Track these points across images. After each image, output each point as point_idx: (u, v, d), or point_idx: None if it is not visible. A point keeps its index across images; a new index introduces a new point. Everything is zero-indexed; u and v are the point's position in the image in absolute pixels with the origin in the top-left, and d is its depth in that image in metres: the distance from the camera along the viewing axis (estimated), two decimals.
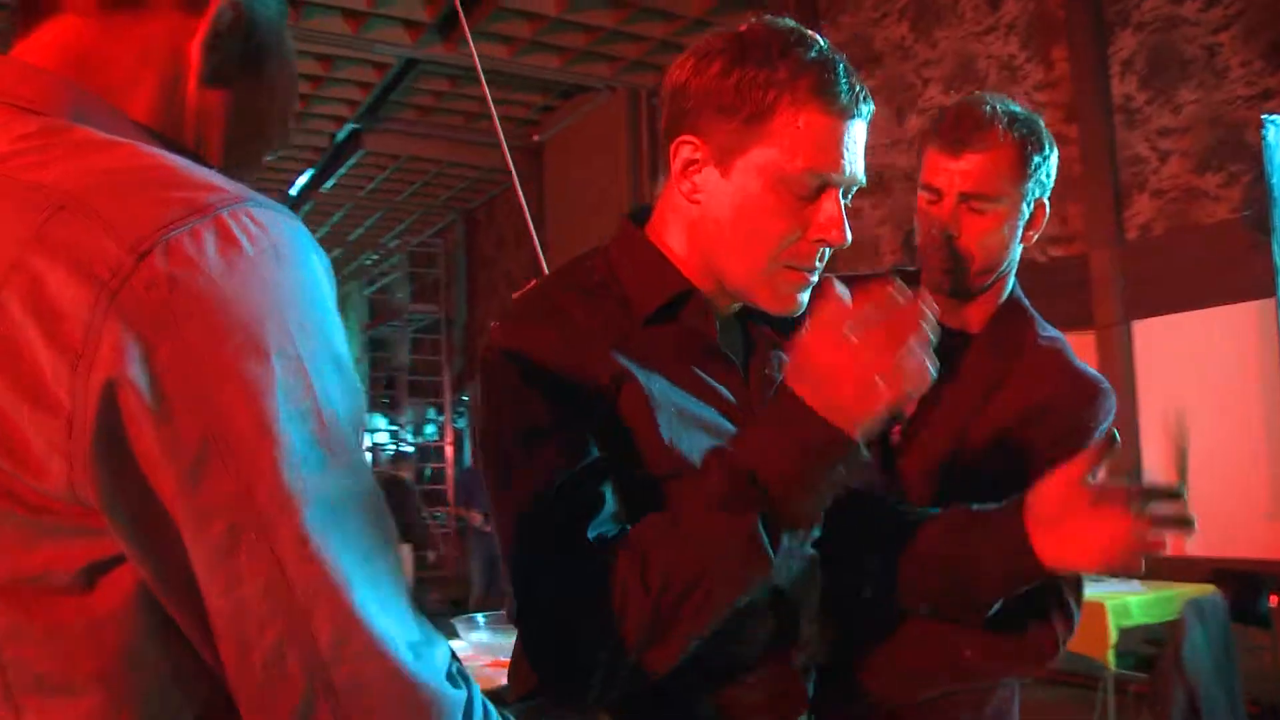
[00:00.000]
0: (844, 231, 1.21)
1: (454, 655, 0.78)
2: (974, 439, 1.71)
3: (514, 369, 1.18)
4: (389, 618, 0.73)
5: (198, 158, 0.91)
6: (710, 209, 1.23)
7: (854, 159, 1.21)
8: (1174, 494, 1.27)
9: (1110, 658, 4.05)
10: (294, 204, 11.15)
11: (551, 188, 9.76)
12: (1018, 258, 1.80)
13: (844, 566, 1.41)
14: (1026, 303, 1.83)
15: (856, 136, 1.21)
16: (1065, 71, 5.38)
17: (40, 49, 0.88)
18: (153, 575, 0.72)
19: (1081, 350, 1.83)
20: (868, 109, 1.22)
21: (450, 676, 0.76)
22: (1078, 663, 4.10)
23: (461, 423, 12.54)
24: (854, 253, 6.53)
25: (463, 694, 0.77)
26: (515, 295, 1.37)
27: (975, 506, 1.46)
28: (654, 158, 8.35)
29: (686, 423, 1.20)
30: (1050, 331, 1.81)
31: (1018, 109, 1.73)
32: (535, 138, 9.82)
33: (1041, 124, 1.74)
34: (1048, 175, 1.74)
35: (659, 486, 1.17)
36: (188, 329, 0.69)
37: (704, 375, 1.26)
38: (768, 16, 1.24)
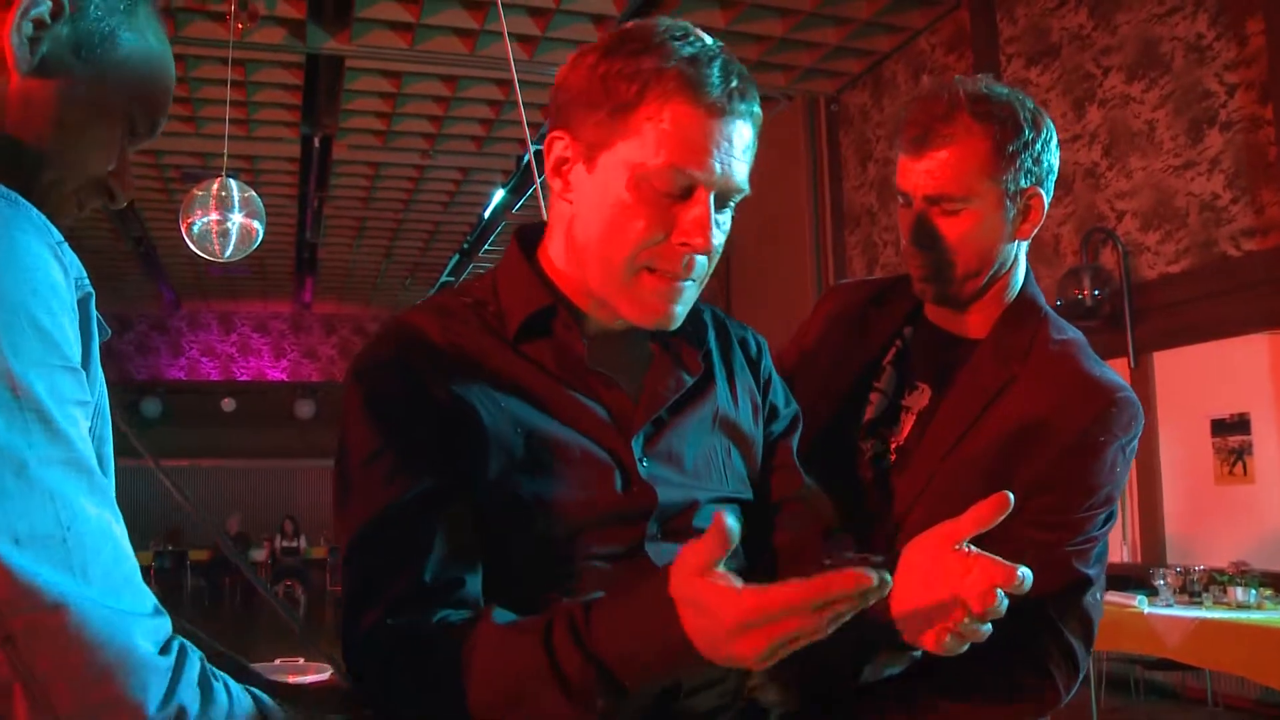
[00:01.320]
0: (708, 237, 1.12)
1: (178, 635, 0.84)
2: (968, 452, 1.55)
3: (361, 392, 1.16)
4: (78, 579, 0.77)
5: (18, 144, 0.96)
6: (580, 208, 1.18)
7: (728, 160, 1.12)
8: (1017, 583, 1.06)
9: None
10: (486, 226, 11.53)
11: None
12: (1019, 255, 1.64)
13: None
14: (1041, 302, 1.65)
15: (733, 137, 1.13)
16: (1261, 46, 4.98)
17: None
18: None
19: None
20: (747, 109, 1.14)
21: (166, 648, 0.80)
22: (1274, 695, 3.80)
23: None
24: (1034, 253, 6.25)
25: (168, 661, 0.80)
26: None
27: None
28: (834, 164, 8.24)
29: (538, 449, 1.14)
30: (1066, 333, 1.62)
31: (993, 90, 1.56)
32: None
33: (1025, 104, 1.56)
34: (1036, 161, 1.56)
35: (496, 517, 1.13)
36: None
37: (576, 394, 1.19)
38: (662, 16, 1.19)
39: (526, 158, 9.66)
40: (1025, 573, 1.06)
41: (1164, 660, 4.63)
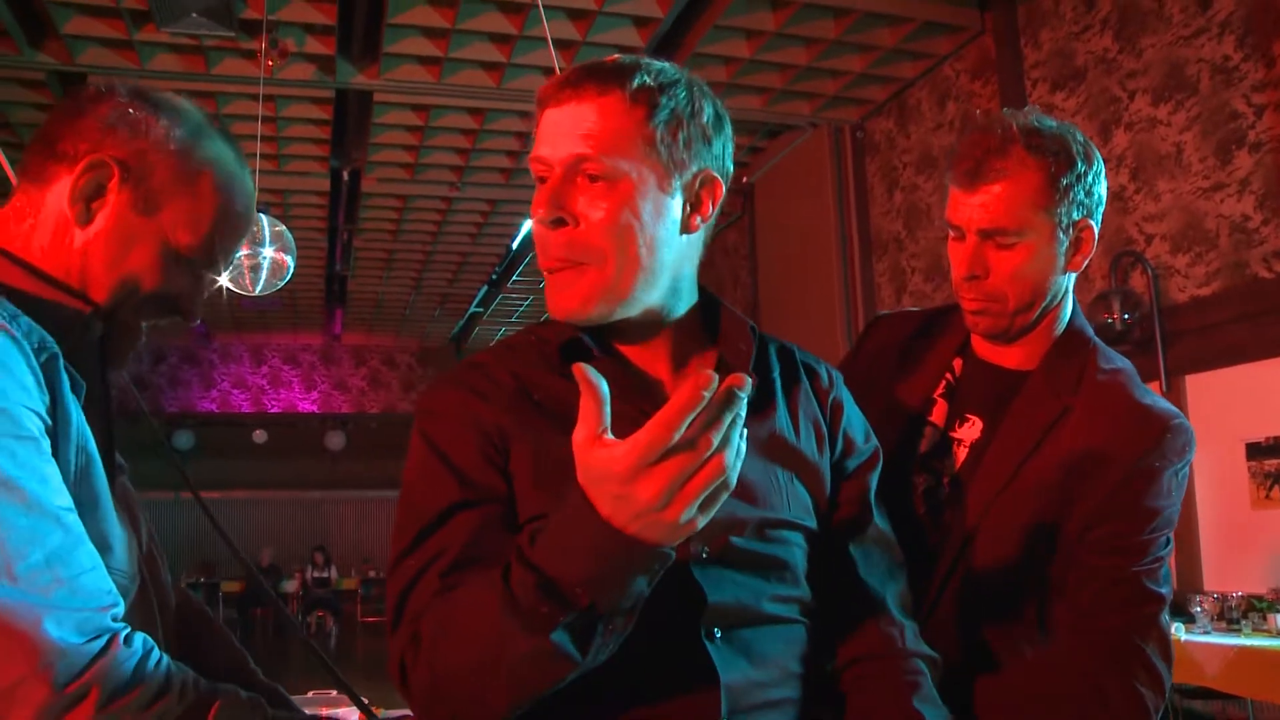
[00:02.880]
0: (538, 203, 1.21)
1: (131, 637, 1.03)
2: (1023, 486, 1.56)
3: (421, 418, 1.25)
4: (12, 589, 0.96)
5: (83, 281, 1.23)
6: None
7: (549, 138, 1.21)
8: None
9: None
10: (514, 257, 11.58)
11: (763, 228, 9.76)
12: (1069, 287, 1.65)
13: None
14: (1090, 333, 1.67)
15: (555, 118, 1.21)
16: None
17: (15, 205, 1.27)
18: None
19: None
20: (572, 93, 1.20)
21: (95, 638, 0.99)
22: None
23: None
24: None
25: (90, 648, 0.98)
26: None
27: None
28: (860, 192, 8.23)
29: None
30: (1115, 363, 1.64)
31: (1043, 123, 1.57)
32: (745, 179, 9.85)
33: (1076, 136, 1.58)
34: (1088, 194, 1.57)
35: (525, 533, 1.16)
36: None
37: (623, 417, 1.21)
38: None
39: None
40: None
41: (1203, 689, 4.56)
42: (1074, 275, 1.65)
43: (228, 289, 5.69)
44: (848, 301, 8.23)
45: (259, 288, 5.54)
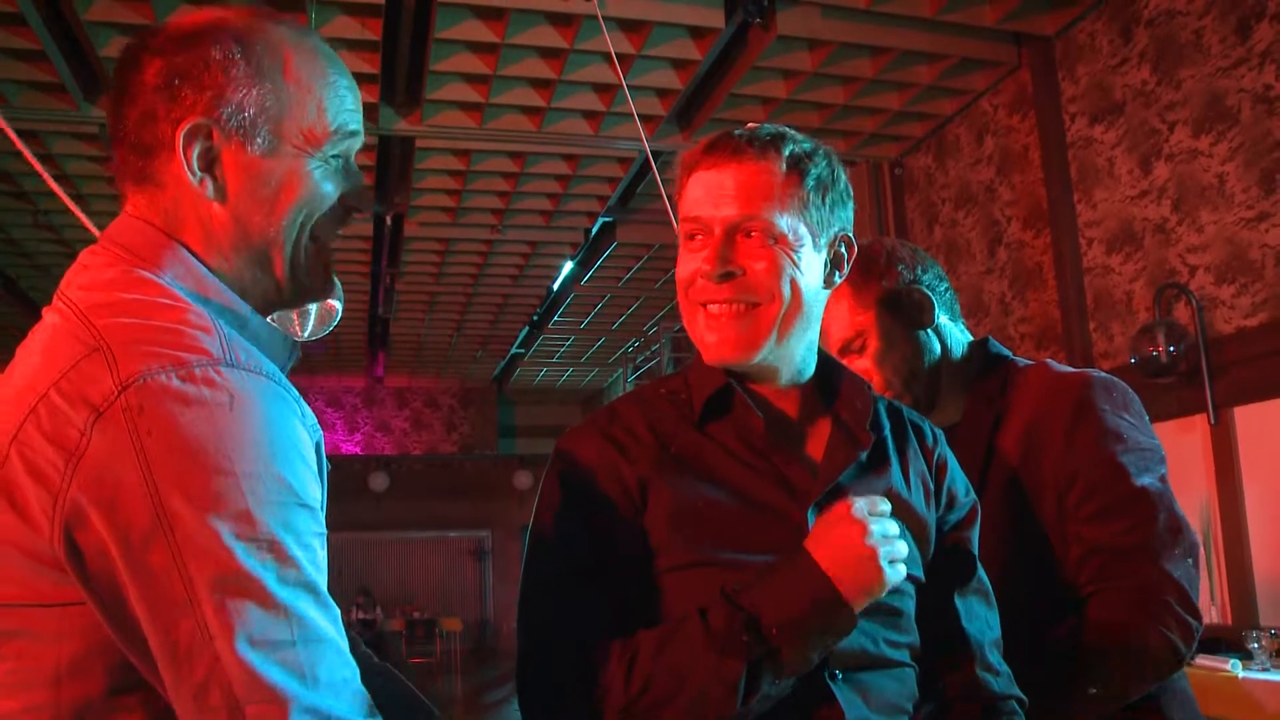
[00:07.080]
0: (706, 259, 1.33)
1: None
2: (991, 495, 1.70)
3: (558, 468, 1.33)
4: (305, 681, 0.93)
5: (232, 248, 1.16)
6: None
7: (711, 198, 1.34)
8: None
9: None
10: (555, 298, 11.65)
11: None
12: (947, 332, 1.85)
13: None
14: (1004, 351, 1.86)
15: (711, 181, 1.34)
16: None
17: (142, 208, 1.15)
18: (108, 620, 0.95)
19: None
20: (728, 158, 1.34)
21: None
22: None
23: None
24: (1108, 310, 6.18)
25: None
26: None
27: None
28: (900, 228, 8.24)
29: (718, 520, 1.27)
30: (1033, 361, 1.82)
31: (883, 250, 1.84)
32: None
33: (892, 251, 1.84)
34: (887, 273, 1.81)
35: (675, 581, 1.26)
36: (148, 443, 0.92)
37: (756, 469, 1.31)
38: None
39: (594, 230, 9.81)
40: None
41: None
42: (944, 323, 1.85)
43: None
44: None
45: (306, 333, 5.60)
